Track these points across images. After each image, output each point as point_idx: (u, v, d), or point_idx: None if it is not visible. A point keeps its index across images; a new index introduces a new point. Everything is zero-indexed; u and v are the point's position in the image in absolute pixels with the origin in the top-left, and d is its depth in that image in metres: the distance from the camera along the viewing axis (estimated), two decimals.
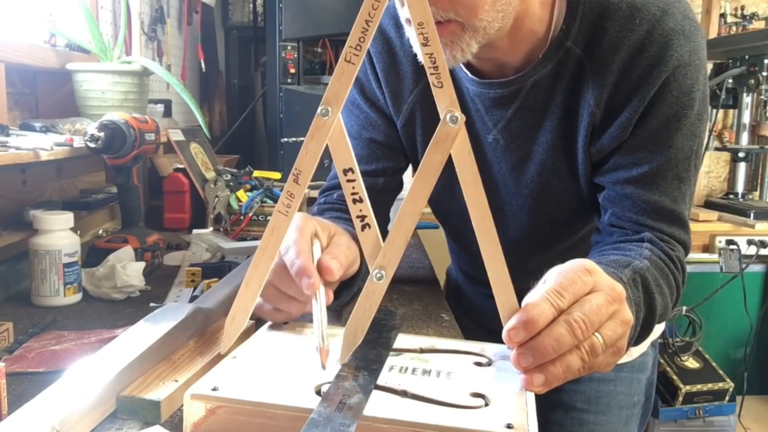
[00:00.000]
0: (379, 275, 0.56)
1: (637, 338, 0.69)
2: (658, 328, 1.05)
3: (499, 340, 0.69)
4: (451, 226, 1.04)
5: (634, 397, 1.03)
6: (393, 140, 0.94)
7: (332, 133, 0.56)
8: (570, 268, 0.55)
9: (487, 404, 0.52)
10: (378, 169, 0.94)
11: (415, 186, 0.56)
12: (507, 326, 0.53)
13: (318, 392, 0.53)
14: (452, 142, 0.54)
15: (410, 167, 0.99)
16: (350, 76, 0.55)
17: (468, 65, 0.83)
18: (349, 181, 0.57)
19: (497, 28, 0.71)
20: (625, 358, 1.01)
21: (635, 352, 1.01)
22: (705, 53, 0.76)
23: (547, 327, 0.51)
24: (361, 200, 0.57)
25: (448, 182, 0.88)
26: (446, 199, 0.93)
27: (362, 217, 0.57)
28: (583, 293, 0.54)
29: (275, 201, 1.41)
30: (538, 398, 0.55)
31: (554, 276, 0.55)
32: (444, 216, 1.01)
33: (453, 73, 0.84)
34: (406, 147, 0.94)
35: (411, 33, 0.74)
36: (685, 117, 0.74)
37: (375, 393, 0.53)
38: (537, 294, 0.53)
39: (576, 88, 0.77)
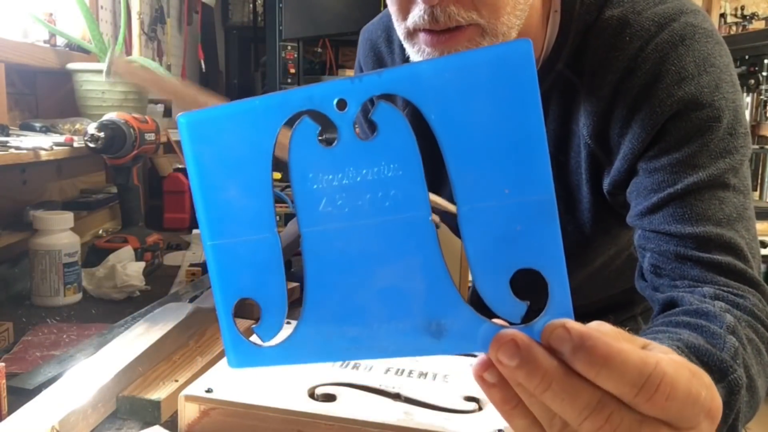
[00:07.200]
0: None
1: None
2: None
3: None
4: None
5: None
6: None
7: None
8: (701, 379, 0.32)
9: (480, 408, 0.52)
10: None
11: None
12: (560, 320, 0.30)
13: (311, 395, 0.53)
14: None
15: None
16: None
17: None
18: None
19: (512, 39, 0.64)
20: None
21: None
22: (726, 59, 0.64)
23: (591, 383, 0.30)
24: None
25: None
26: None
27: None
28: (682, 415, 0.31)
29: (275, 201, 1.42)
30: None
31: (683, 366, 0.31)
32: None
33: None
34: None
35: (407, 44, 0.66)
36: (711, 132, 0.61)
37: (368, 395, 0.53)
38: (645, 351, 0.31)
39: (567, 115, 0.70)
